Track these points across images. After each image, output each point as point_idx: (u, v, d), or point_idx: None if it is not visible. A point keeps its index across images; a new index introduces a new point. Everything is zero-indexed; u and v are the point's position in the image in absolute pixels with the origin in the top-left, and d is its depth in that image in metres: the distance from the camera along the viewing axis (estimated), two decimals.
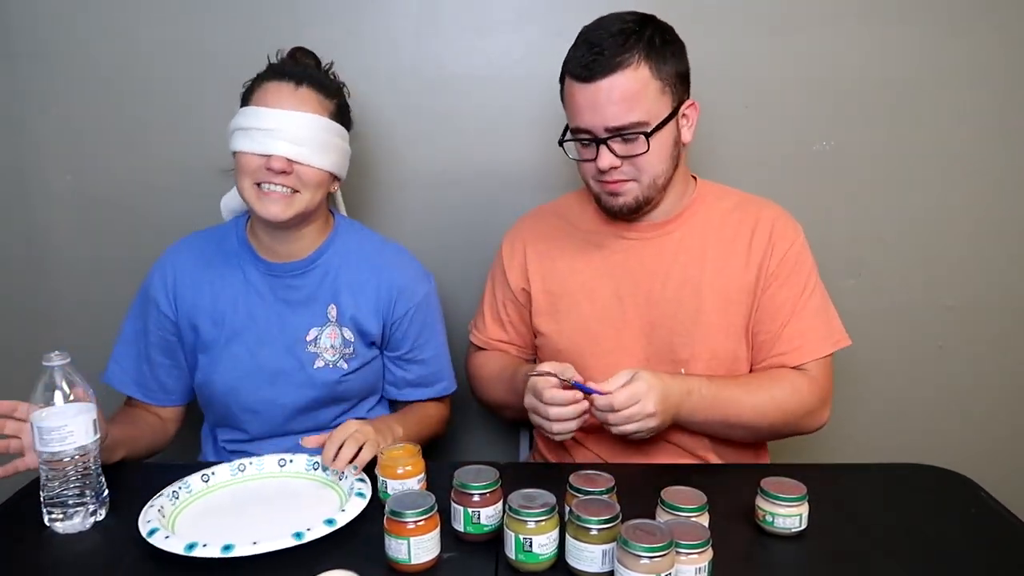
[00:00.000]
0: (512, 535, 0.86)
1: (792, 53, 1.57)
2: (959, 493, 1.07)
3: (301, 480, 1.13)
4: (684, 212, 1.27)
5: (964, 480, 1.11)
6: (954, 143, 1.61)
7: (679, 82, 1.18)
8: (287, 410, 1.29)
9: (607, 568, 0.83)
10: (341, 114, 1.27)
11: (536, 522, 0.85)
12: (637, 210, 1.22)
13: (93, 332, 1.40)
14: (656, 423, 1.08)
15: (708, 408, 1.16)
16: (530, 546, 0.85)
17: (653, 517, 0.88)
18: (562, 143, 1.22)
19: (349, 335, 1.30)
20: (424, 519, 0.86)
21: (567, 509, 0.90)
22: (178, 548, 0.89)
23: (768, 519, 0.93)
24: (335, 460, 1.07)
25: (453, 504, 0.93)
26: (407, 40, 1.57)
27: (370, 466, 1.08)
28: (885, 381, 1.71)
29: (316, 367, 1.29)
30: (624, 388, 1.06)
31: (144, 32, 1.57)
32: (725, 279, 1.23)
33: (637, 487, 0.97)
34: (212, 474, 1.12)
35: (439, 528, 0.88)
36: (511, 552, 0.86)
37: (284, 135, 1.17)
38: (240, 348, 1.29)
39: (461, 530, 0.93)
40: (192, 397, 1.37)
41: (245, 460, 1.15)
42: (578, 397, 1.07)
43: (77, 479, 0.98)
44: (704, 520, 0.89)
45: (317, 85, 1.23)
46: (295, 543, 0.89)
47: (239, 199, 1.36)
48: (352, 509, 0.97)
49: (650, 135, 1.14)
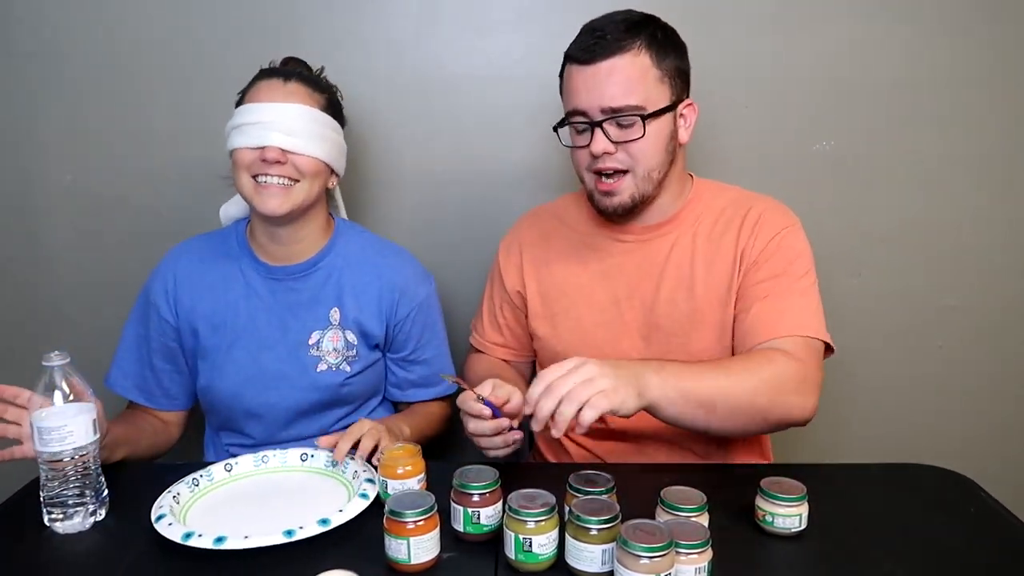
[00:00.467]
0: (512, 535, 0.86)
1: (792, 53, 1.57)
2: (959, 493, 1.07)
3: (320, 476, 1.13)
4: (680, 213, 1.25)
5: (964, 480, 1.10)
6: (954, 143, 1.61)
7: (679, 77, 1.18)
8: (290, 414, 1.29)
9: (607, 568, 0.83)
10: (333, 109, 1.28)
11: (536, 522, 0.85)
12: (632, 209, 1.20)
13: (93, 332, 1.40)
14: (609, 384, 0.93)
15: (680, 380, 1.02)
16: (530, 546, 0.85)
17: (653, 517, 0.88)
18: (557, 128, 1.22)
19: (352, 338, 1.30)
20: (424, 519, 0.86)
21: (567, 509, 0.90)
22: (176, 536, 0.91)
23: (768, 519, 0.93)
24: (355, 452, 1.09)
25: (453, 504, 0.93)
26: (407, 40, 1.58)
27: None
28: (885, 381, 1.71)
29: (319, 370, 1.29)
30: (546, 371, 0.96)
31: (145, 32, 1.57)
32: (716, 277, 1.21)
33: (637, 487, 0.96)
34: (236, 464, 1.13)
35: (439, 528, 0.88)
36: (511, 552, 0.86)
37: (276, 126, 1.19)
38: (242, 353, 1.29)
39: (461, 530, 0.93)
40: (195, 401, 1.37)
41: (269, 452, 1.16)
42: (486, 413, 1.03)
43: (77, 479, 0.98)
44: (704, 520, 0.89)
45: (306, 80, 1.26)
46: (285, 540, 0.90)
47: (238, 208, 1.37)
48: (350, 510, 0.97)
49: (646, 119, 1.13)
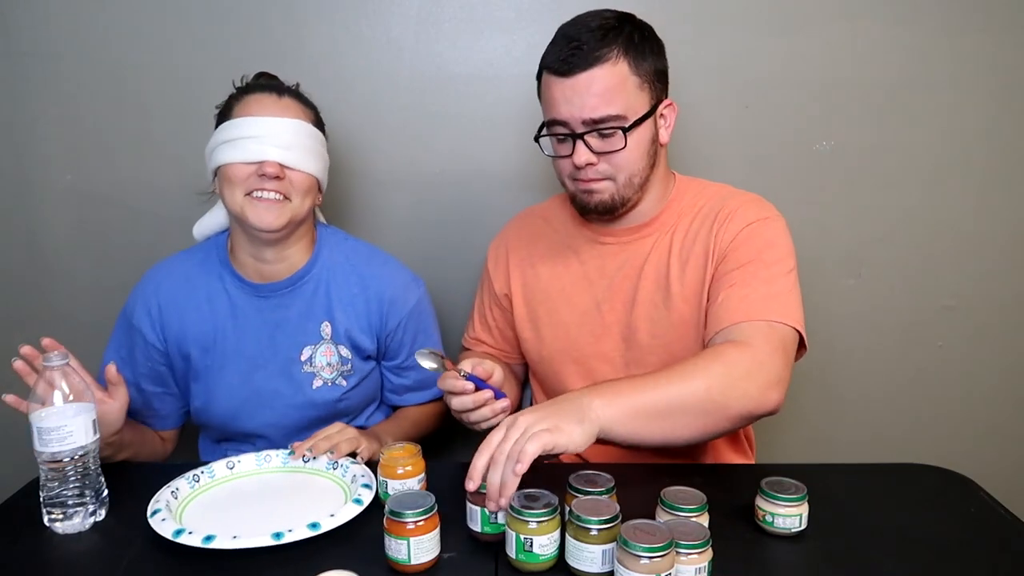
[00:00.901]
0: (513, 535, 0.86)
1: (792, 53, 1.57)
2: (959, 493, 1.07)
3: (321, 478, 1.12)
4: (661, 214, 1.24)
5: (964, 480, 1.10)
6: (954, 143, 1.61)
7: (657, 80, 1.17)
8: (289, 431, 1.27)
9: (607, 568, 0.83)
10: (319, 125, 1.27)
11: (537, 522, 0.85)
12: (613, 209, 1.19)
13: (93, 332, 1.39)
14: (547, 424, 0.89)
15: (624, 395, 0.97)
16: (531, 546, 0.85)
17: (653, 517, 0.88)
18: (538, 138, 1.21)
19: (346, 352, 1.29)
20: (424, 519, 0.86)
21: (567, 509, 0.90)
22: (167, 532, 0.92)
23: (768, 519, 0.93)
24: (330, 451, 1.12)
25: (469, 505, 0.92)
26: (407, 40, 1.58)
27: (372, 469, 1.08)
28: (885, 381, 1.71)
29: (315, 387, 1.27)
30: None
31: (145, 32, 1.57)
32: (690, 275, 1.19)
33: (637, 487, 0.96)
34: (238, 462, 1.14)
35: (439, 528, 0.88)
36: (512, 552, 0.86)
37: (274, 140, 1.17)
38: (233, 374, 1.27)
39: (478, 530, 0.92)
40: (187, 418, 1.36)
41: (272, 452, 1.16)
42: (468, 388, 1.04)
43: (77, 479, 0.98)
44: (704, 520, 0.89)
45: (296, 96, 1.25)
46: (273, 543, 0.90)
47: (212, 224, 1.33)
48: (342, 515, 0.96)
49: (627, 131, 1.12)
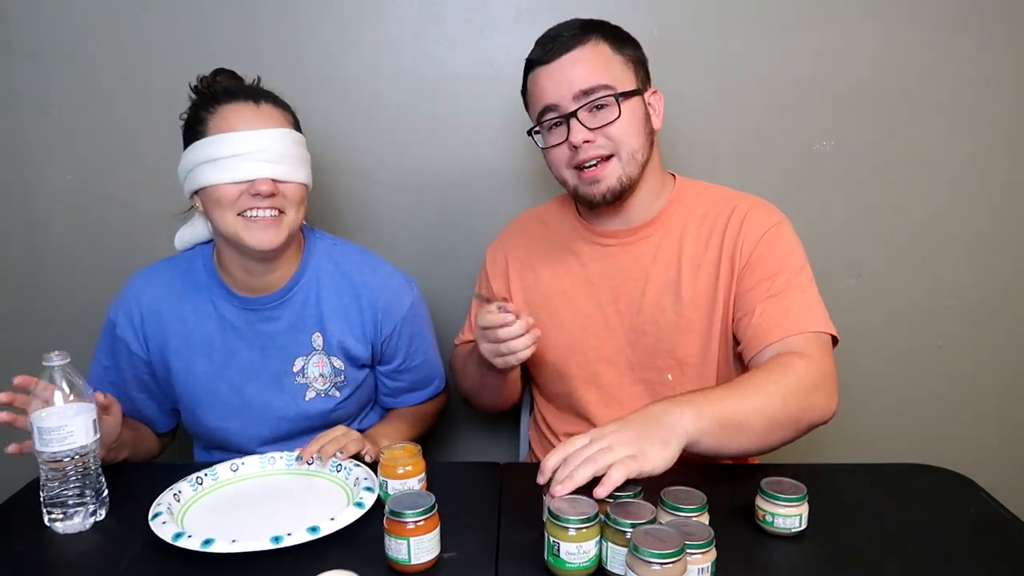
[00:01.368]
0: (548, 539, 0.84)
1: (792, 53, 1.57)
2: (959, 493, 1.07)
3: (324, 480, 1.11)
4: (662, 214, 1.23)
5: (964, 480, 1.10)
6: (954, 143, 1.61)
7: (639, 67, 1.20)
8: (282, 447, 1.25)
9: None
10: (297, 125, 1.21)
11: (576, 529, 0.83)
12: (621, 193, 1.17)
13: (93, 332, 1.39)
14: (629, 450, 0.90)
15: (713, 407, 0.98)
16: (558, 551, 0.83)
17: None
18: (531, 133, 1.22)
19: (339, 363, 1.26)
20: (424, 519, 0.86)
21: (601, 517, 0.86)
22: (167, 535, 0.91)
23: (768, 519, 0.93)
24: (329, 454, 1.10)
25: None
26: (407, 40, 1.57)
27: (372, 469, 1.08)
28: (885, 381, 1.71)
29: (308, 399, 1.25)
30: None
31: (144, 31, 1.57)
32: (703, 280, 1.19)
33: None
34: (242, 464, 1.13)
35: (439, 528, 0.88)
36: (545, 555, 0.85)
37: (263, 155, 1.10)
38: (223, 387, 1.24)
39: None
40: (178, 419, 1.35)
41: (276, 453, 1.15)
42: (510, 319, 1.07)
43: (77, 479, 0.98)
44: (704, 520, 0.89)
45: (272, 100, 1.17)
46: (272, 547, 0.89)
47: (195, 234, 1.28)
48: (342, 519, 0.95)
49: (620, 99, 1.14)
